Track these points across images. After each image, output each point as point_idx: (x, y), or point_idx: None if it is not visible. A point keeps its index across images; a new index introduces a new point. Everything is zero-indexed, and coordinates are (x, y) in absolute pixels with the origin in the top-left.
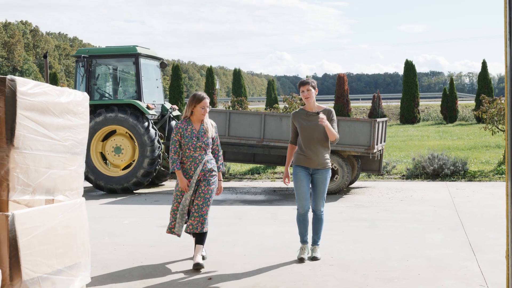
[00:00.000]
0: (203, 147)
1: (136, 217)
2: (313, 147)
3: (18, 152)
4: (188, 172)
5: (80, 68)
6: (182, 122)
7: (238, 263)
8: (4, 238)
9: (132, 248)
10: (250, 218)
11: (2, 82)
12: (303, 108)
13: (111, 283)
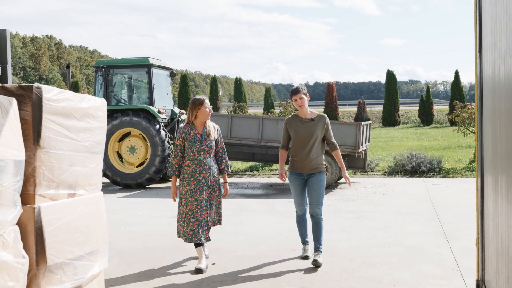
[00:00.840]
0: (207, 150)
1: (148, 209)
2: (307, 152)
3: (43, 152)
4: (193, 174)
5: (99, 77)
6: (185, 127)
7: (240, 250)
8: (31, 228)
9: (145, 237)
10: (249, 210)
11: (30, 89)
12: (297, 114)
13: (126, 268)
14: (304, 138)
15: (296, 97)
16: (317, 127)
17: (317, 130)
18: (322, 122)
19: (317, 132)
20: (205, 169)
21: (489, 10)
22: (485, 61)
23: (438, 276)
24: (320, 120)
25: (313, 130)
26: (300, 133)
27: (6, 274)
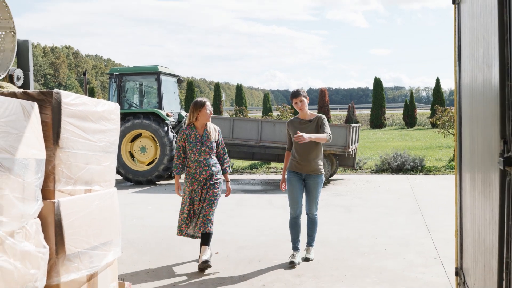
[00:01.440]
0: (207, 151)
1: (158, 204)
2: (306, 154)
3: (62, 151)
4: (194, 175)
5: (112, 84)
6: (186, 128)
7: (240, 240)
8: (51, 220)
9: (154, 229)
10: (249, 204)
11: (50, 95)
12: (297, 116)
13: (137, 257)
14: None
15: (296, 100)
16: (315, 128)
17: (315, 130)
18: (317, 121)
19: (314, 132)
20: (205, 169)
21: (468, 23)
22: (463, 69)
23: (420, 264)
24: (317, 120)
25: (311, 131)
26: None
27: (28, 262)
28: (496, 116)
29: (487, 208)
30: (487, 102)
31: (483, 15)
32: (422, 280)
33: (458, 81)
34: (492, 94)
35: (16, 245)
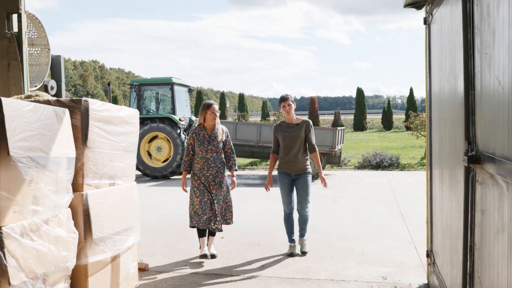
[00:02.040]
0: (214, 149)
1: (172, 195)
2: (294, 154)
3: (90, 151)
4: (201, 171)
5: (133, 92)
6: (196, 128)
7: (242, 226)
8: (80, 210)
9: (169, 217)
10: (250, 196)
11: (79, 102)
12: (284, 121)
13: (154, 241)
14: (291, 142)
15: (284, 104)
16: (302, 131)
17: (301, 134)
18: (305, 126)
19: (302, 135)
20: (211, 166)
21: (437, 41)
22: (433, 80)
23: (397, 247)
24: (304, 124)
25: (298, 133)
26: (287, 136)
27: (61, 245)
28: (461, 120)
29: (454, 199)
30: (454, 108)
31: (450, 34)
32: (398, 261)
33: (428, 90)
34: (458, 101)
35: (50, 231)
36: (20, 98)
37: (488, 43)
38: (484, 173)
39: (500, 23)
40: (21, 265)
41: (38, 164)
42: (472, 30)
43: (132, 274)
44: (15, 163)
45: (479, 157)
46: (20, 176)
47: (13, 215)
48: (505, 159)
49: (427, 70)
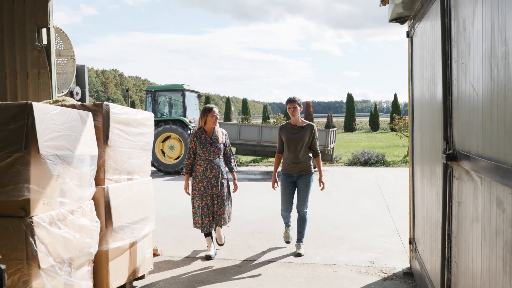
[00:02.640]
0: (216, 151)
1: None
2: (297, 156)
3: (110, 149)
4: (204, 173)
5: (148, 98)
6: (197, 132)
7: (246, 217)
8: (102, 201)
9: (181, 208)
10: (252, 189)
11: (101, 106)
12: (289, 122)
13: (167, 229)
14: (294, 143)
15: (290, 105)
16: (306, 134)
17: (305, 137)
18: (310, 130)
19: (305, 138)
20: (214, 168)
21: (418, 52)
22: (415, 86)
23: (383, 235)
24: (309, 128)
25: (302, 136)
26: (291, 138)
27: (85, 233)
28: (440, 122)
29: (433, 193)
30: (433, 112)
31: (430, 46)
32: (384, 247)
33: (411, 96)
34: (437, 106)
35: (75, 220)
36: (49, 103)
37: (464, 54)
38: (460, 170)
39: (474, 36)
40: (50, 250)
41: (65, 161)
42: (449, 42)
43: (147, 258)
44: (44, 160)
45: (456, 155)
46: (49, 172)
47: (42, 206)
48: (479, 157)
49: (410, 78)
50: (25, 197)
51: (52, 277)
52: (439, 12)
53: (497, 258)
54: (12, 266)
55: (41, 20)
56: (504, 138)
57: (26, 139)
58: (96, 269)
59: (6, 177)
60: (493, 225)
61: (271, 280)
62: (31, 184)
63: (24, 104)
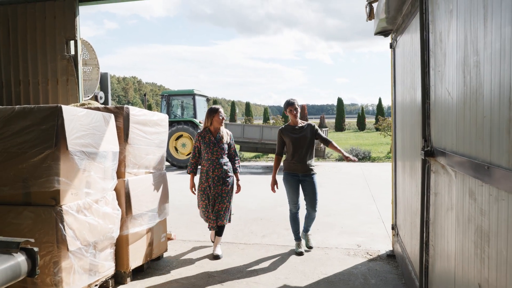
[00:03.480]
0: (220, 151)
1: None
2: (301, 156)
3: (130, 146)
4: (207, 172)
5: (163, 101)
6: (202, 132)
7: (249, 205)
8: (123, 192)
9: (191, 198)
10: (254, 182)
11: (122, 109)
12: (289, 124)
13: (179, 217)
14: (298, 143)
15: (291, 108)
16: (308, 133)
17: (308, 135)
18: (311, 128)
19: (308, 136)
20: (217, 167)
21: (400, 61)
22: (397, 91)
23: (369, 222)
24: (309, 127)
25: (306, 134)
26: (295, 138)
27: (107, 220)
28: (419, 123)
29: (413, 184)
30: (413, 113)
31: (410, 55)
32: (369, 232)
33: (393, 100)
34: (416, 108)
35: (100, 208)
36: (76, 106)
37: (441, 63)
38: (437, 164)
39: (450, 47)
40: (77, 235)
41: (90, 156)
42: (428, 52)
43: (162, 242)
44: (72, 156)
45: (433, 151)
46: (76, 166)
47: (70, 196)
48: (453, 153)
49: (393, 84)
50: (56, 188)
51: (79, 258)
52: (419, 26)
53: (469, 242)
54: (44, 249)
55: (69, 33)
56: (475, 137)
57: (57, 137)
58: (118, 251)
59: (39, 171)
60: (466, 213)
61: (271, 261)
62: (60, 177)
63: (55, 107)
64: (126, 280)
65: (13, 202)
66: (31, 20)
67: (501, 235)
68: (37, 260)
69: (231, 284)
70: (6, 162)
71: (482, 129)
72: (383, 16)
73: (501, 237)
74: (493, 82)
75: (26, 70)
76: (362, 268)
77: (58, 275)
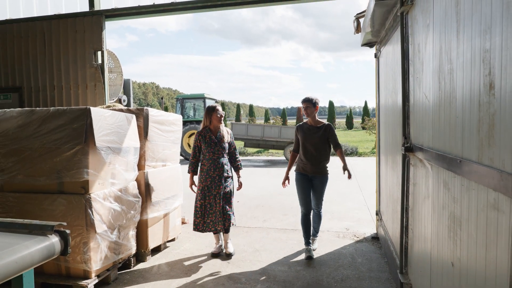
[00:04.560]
0: (220, 150)
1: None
2: (313, 156)
3: (149, 143)
4: (208, 172)
5: (178, 104)
6: (202, 131)
7: (251, 194)
8: (143, 182)
9: None
10: (257, 174)
11: (142, 110)
12: (306, 122)
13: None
14: (310, 143)
15: (304, 105)
16: (322, 134)
17: (321, 137)
18: (326, 129)
19: (321, 138)
20: (218, 167)
21: (383, 68)
22: (381, 95)
23: (356, 208)
24: (325, 128)
25: (318, 136)
26: (307, 138)
27: (130, 206)
28: (399, 122)
29: (394, 176)
30: (395, 114)
31: (393, 64)
32: (356, 217)
33: (377, 102)
34: (397, 110)
35: (123, 196)
36: (102, 108)
37: (419, 70)
38: (415, 159)
39: (427, 56)
40: (103, 219)
41: (114, 151)
42: (407, 61)
43: (177, 225)
44: (99, 151)
45: (412, 147)
46: (103, 160)
47: (98, 185)
48: (430, 149)
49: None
50: (85, 178)
51: (105, 239)
52: (400, 38)
53: (443, 226)
54: (75, 231)
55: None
56: (449, 135)
57: (86, 135)
58: (138, 233)
59: (71, 164)
60: (440, 201)
61: (271, 242)
62: (89, 169)
63: (84, 108)
64: (146, 258)
65: (48, 190)
66: (64, 33)
67: (471, 220)
68: (69, 241)
69: (236, 262)
70: (43, 156)
71: (455, 128)
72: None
73: (471, 221)
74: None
75: (59, 77)
76: (350, 249)
77: (87, 254)
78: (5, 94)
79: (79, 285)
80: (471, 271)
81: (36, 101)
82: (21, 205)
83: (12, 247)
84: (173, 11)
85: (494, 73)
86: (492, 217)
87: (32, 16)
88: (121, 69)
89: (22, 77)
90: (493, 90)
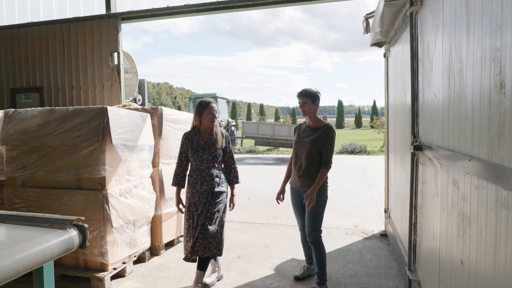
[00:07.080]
0: (210, 159)
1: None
2: (301, 166)
3: (163, 141)
4: (195, 186)
5: (190, 103)
6: (190, 132)
7: (259, 191)
8: (157, 179)
9: None
10: (266, 171)
11: (156, 109)
12: (305, 121)
13: None
14: (300, 149)
15: (299, 100)
16: (316, 138)
17: (314, 141)
18: (324, 133)
19: (314, 143)
20: (206, 180)
21: (392, 68)
22: (390, 94)
23: (364, 206)
24: (320, 130)
25: (311, 141)
26: (298, 142)
27: (145, 202)
28: (409, 121)
29: (403, 174)
30: (404, 113)
31: (402, 63)
32: (365, 215)
33: (386, 101)
34: (407, 109)
35: (138, 192)
36: (118, 107)
37: (428, 69)
38: (424, 157)
39: (436, 56)
40: (120, 214)
41: (130, 149)
42: (416, 61)
43: None
44: (115, 148)
45: (421, 146)
46: (119, 157)
47: (114, 182)
48: (439, 147)
49: (386, 88)
50: (102, 175)
51: (121, 233)
52: (409, 38)
53: (452, 224)
54: (92, 225)
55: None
56: (458, 134)
57: (103, 133)
58: (153, 228)
59: (89, 161)
60: (450, 199)
61: (281, 238)
62: (106, 166)
63: (101, 107)
64: (160, 252)
65: (67, 186)
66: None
67: (481, 218)
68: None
69: (247, 257)
70: (62, 153)
71: (465, 126)
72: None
73: (481, 220)
74: (474, 86)
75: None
76: (358, 245)
77: (104, 247)
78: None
79: (96, 277)
80: (481, 269)
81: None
82: (41, 200)
83: (33, 240)
84: (187, 13)
85: (505, 72)
86: (502, 215)
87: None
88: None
89: (42, 78)
90: (504, 89)
